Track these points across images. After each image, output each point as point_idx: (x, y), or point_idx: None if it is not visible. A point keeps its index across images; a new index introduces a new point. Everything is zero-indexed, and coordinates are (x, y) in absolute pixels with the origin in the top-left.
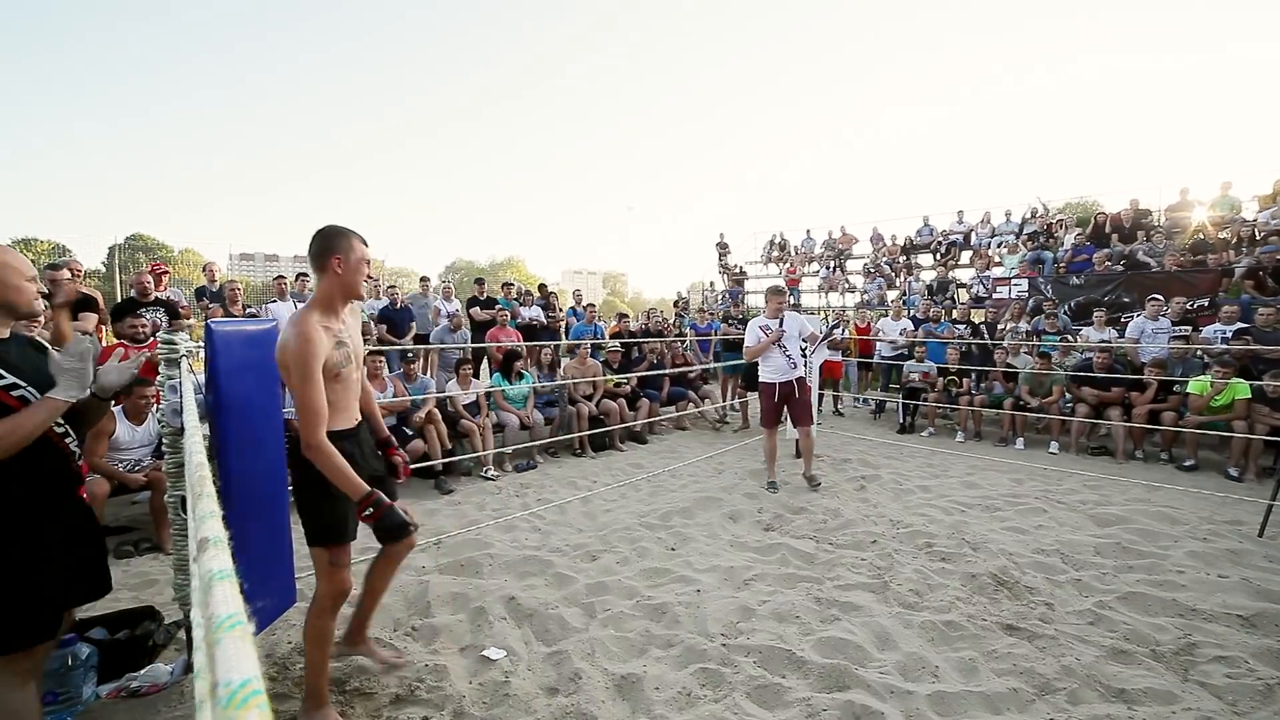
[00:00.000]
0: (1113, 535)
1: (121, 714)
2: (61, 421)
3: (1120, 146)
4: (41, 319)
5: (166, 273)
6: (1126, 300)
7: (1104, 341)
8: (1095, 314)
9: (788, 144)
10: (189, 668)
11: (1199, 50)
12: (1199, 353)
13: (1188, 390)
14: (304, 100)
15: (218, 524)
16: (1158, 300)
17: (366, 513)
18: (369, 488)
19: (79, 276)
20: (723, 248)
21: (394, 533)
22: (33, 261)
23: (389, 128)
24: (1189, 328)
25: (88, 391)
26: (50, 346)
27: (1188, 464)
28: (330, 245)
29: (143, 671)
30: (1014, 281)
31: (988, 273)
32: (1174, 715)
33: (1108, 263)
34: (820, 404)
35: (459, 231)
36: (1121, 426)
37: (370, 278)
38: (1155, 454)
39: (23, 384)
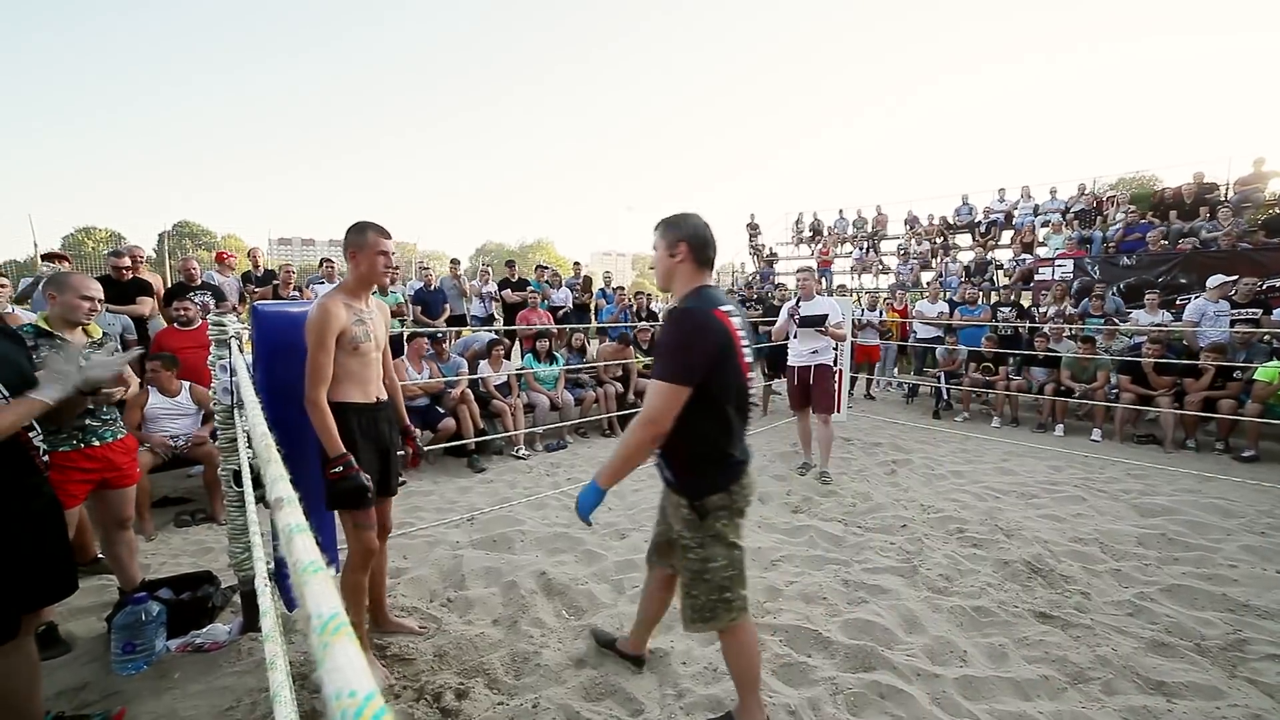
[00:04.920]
0: (1157, 526)
1: (189, 666)
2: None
3: (1183, 119)
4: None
5: (233, 256)
6: (1184, 281)
7: (1156, 326)
8: (1147, 296)
9: (823, 121)
10: (245, 628)
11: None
12: (1265, 337)
13: (1254, 377)
14: (335, 86)
15: (287, 485)
16: (1225, 281)
17: (335, 470)
18: (344, 450)
19: (141, 261)
20: (753, 229)
21: (347, 496)
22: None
23: (421, 111)
24: (1259, 310)
25: (70, 391)
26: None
27: (1247, 454)
28: (352, 240)
29: (204, 630)
30: (1057, 263)
31: (1025, 255)
32: (1218, 711)
33: (1163, 241)
34: (853, 387)
35: (489, 214)
36: (1172, 414)
37: (391, 267)
38: (1209, 443)
39: None
